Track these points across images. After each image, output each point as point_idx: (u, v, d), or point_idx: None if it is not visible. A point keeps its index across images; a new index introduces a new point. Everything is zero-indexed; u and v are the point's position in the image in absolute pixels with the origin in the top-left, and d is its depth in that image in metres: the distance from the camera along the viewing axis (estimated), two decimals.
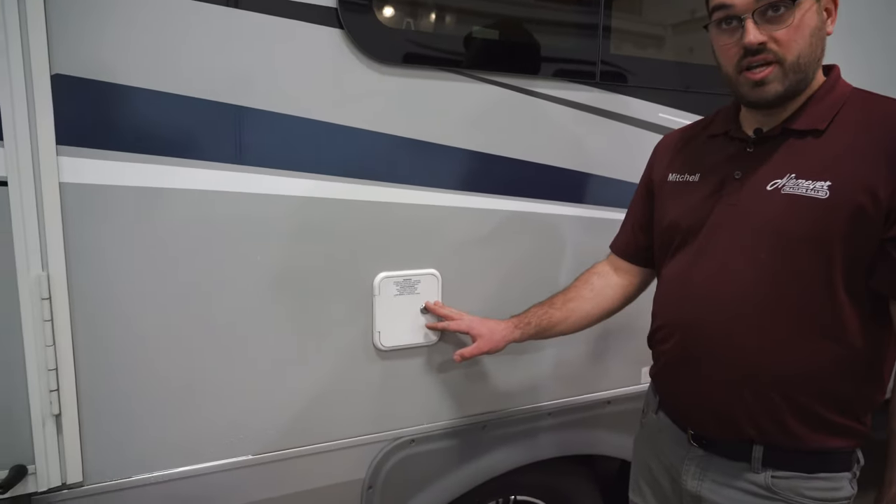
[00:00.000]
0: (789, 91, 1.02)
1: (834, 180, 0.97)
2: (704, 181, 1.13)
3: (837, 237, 0.97)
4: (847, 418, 1.05)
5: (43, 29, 1.01)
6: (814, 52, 1.00)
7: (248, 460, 1.30)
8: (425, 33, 1.37)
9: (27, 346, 1.08)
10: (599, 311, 1.36)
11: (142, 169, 1.12)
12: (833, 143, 1.00)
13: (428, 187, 1.38)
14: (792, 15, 0.97)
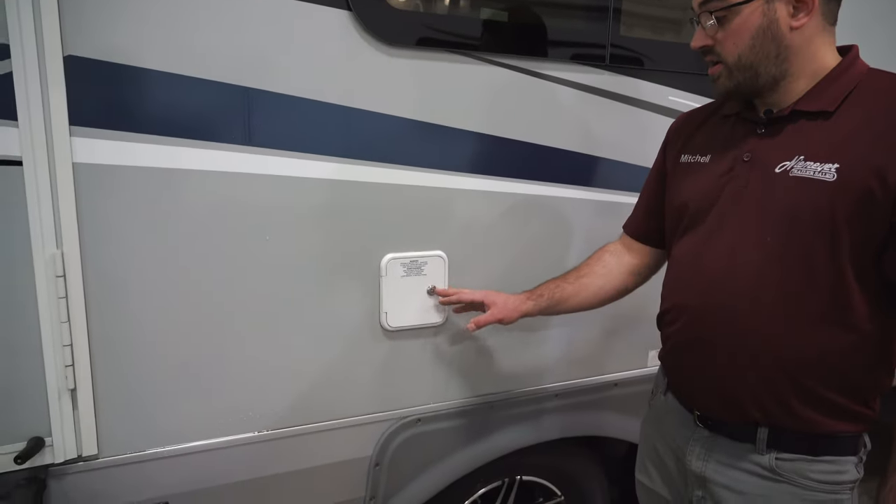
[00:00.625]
0: (742, 86, 1.06)
1: (842, 163, 0.96)
2: (715, 162, 1.13)
3: (844, 220, 0.96)
4: (854, 402, 1.05)
5: (55, 11, 1.03)
6: (761, 51, 1.02)
7: (258, 436, 1.33)
8: (434, 15, 1.37)
9: (43, 323, 1.11)
10: (611, 289, 1.37)
11: (153, 150, 1.14)
12: (843, 124, 0.99)
13: (436, 169, 1.39)
14: (732, 19, 1.01)
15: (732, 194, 1.08)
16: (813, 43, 1.02)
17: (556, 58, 1.47)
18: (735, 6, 1.00)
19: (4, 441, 1.12)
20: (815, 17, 1.01)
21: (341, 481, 1.44)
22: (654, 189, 1.32)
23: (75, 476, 1.19)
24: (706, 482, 1.16)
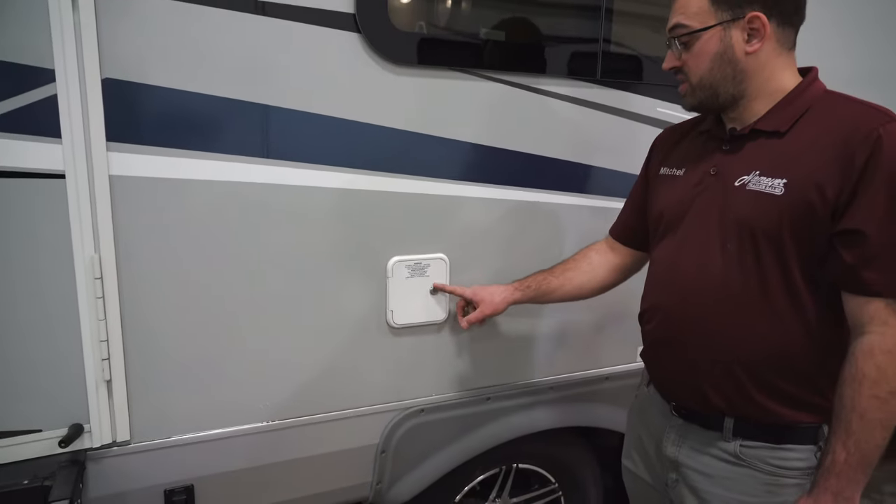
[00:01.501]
0: (704, 103, 1.18)
1: (790, 178, 1.07)
2: (688, 175, 1.24)
3: (790, 231, 1.07)
4: (810, 393, 1.14)
5: (94, 40, 1.14)
6: (718, 72, 1.13)
7: (274, 425, 1.45)
8: (436, 36, 1.48)
9: (83, 320, 1.22)
10: (594, 284, 1.48)
11: (181, 162, 1.25)
12: (794, 143, 1.09)
13: (438, 178, 1.50)
14: (696, 44, 1.13)
15: (701, 205, 1.19)
16: (768, 66, 1.12)
17: (550, 73, 1.57)
18: (696, 32, 1.11)
19: (50, 427, 1.24)
20: (769, 43, 1.11)
21: (350, 467, 1.55)
22: (638, 196, 1.43)
23: (110, 459, 1.31)
24: (679, 466, 1.26)
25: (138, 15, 1.18)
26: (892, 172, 1.00)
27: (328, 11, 1.32)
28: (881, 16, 2.03)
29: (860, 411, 1.05)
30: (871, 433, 1.05)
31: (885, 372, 1.04)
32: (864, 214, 1.02)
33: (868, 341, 1.05)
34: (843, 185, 1.02)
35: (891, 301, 1.04)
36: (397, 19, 1.39)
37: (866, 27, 2.01)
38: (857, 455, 1.06)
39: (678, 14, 1.15)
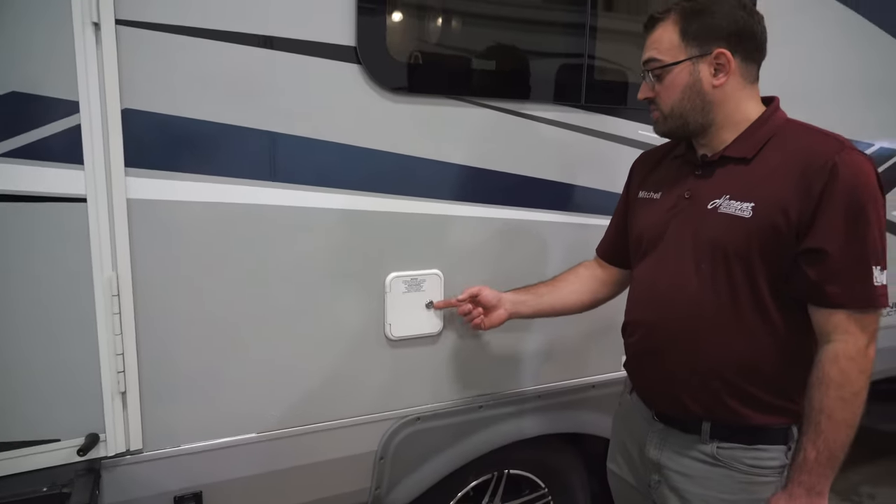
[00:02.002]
0: (675, 131, 1.28)
1: (757, 202, 1.17)
2: (664, 199, 1.34)
3: (758, 250, 1.17)
4: (779, 398, 1.24)
5: (116, 73, 1.22)
6: (688, 103, 1.23)
7: (278, 433, 1.52)
8: (431, 66, 1.58)
9: (100, 335, 1.30)
10: (584, 297, 1.57)
11: (194, 186, 1.34)
12: (760, 169, 1.20)
13: (433, 199, 1.60)
14: (667, 77, 1.23)
15: (676, 227, 1.29)
16: (733, 98, 1.23)
17: (537, 99, 1.68)
18: (667, 66, 1.22)
19: (67, 437, 1.31)
20: (734, 77, 1.22)
21: (350, 473, 1.63)
22: (620, 217, 1.53)
23: (124, 467, 1.37)
24: (661, 468, 1.35)
25: (156, 50, 1.27)
26: (848, 197, 1.11)
27: (331, 45, 1.41)
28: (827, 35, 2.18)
29: (828, 412, 1.15)
30: (838, 432, 1.15)
31: (849, 375, 1.14)
32: (824, 235, 1.13)
33: (833, 349, 1.16)
34: (805, 208, 1.13)
35: (851, 312, 1.14)
36: (395, 51, 1.49)
37: (816, 44, 2.15)
38: (825, 452, 1.16)
39: (651, 49, 1.26)
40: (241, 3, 1.32)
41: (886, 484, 3.13)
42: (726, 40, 1.20)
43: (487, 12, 1.62)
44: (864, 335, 1.15)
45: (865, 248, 1.13)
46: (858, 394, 1.15)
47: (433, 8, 1.56)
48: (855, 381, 1.14)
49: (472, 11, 1.60)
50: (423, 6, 1.56)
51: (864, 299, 1.14)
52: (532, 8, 1.69)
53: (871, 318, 1.16)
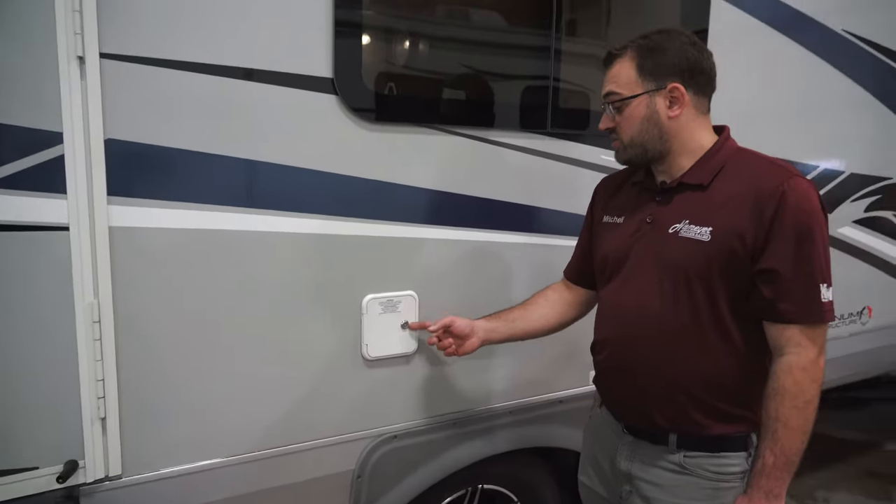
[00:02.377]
0: (634, 158, 1.37)
1: (714, 226, 1.27)
2: (627, 223, 1.42)
3: (717, 272, 1.26)
4: (739, 408, 1.33)
5: (100, 104, 1.26)
6: (646, 133, 1.33)
7: (257, 455, 1.54)
8: (405, 96, 1.65)
9: (81, 361, 1.31)
10: (553, 319, 1.62)
11: (175, 213, 1.37)
12: (716, 195, 1.30)
13: (407, 222, 1.66)
14: (626, 109, 1.33)
15: (640, 250, 1.37)
16: (688, 128, 1.33)
17: (506, 127, 1.76)
18: (626, 99, 1.32)
19: (46, 464, 1.31)
20: (688, 108, 1.32)
21: (329, 492, 1.65)
22: (585, 240, 1.60)
23: (103, 493, 1.38)
24: (632, 478, 1.42)
25: (139, 82, 1.30)
26: (796, 221, 1.21)
27: (309, 77, 1.47)
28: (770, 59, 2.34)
29: (783, 420, 1.24)
30: (794, 439, 1.24)
31: (802, 385, 1.23)
32: (776, 257, 1.22)
33: (787, 361, 1.25)
34: (758, 232, 1.23)
35: (803, 327, 1.24)
36: (370, 82, 1.56)
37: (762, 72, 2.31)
38: (782, 458, 1.24)
39: (611, 83, 1.35)
40: (222, 37, 1.37)
41: (840, 488, 3.27)
42: (679, 75, 1.30)
43: (458, 47, 1.71)
44: (814, 347, 1.24)
45: (813, 267, 1.23)
46: (811, 402, 1.24)
47: (406, 41, 1.64)
48: (808, 391, 1.23)
49: (443, 45, 1.68)
50: (397, 40, 1.63)
51: (814, 314, 1.24)
52: (501, 44, 1.78)
53: (821, 332, 1.26)
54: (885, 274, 2.88)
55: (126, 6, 1.28)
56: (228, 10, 1.37)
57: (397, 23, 1.62)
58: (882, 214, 2.80)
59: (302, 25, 1.45)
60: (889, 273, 2.89)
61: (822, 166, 2.53)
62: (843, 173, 2.61)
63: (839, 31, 2.44)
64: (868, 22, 2.52)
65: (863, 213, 2.72)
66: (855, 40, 2.50)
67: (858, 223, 2.71)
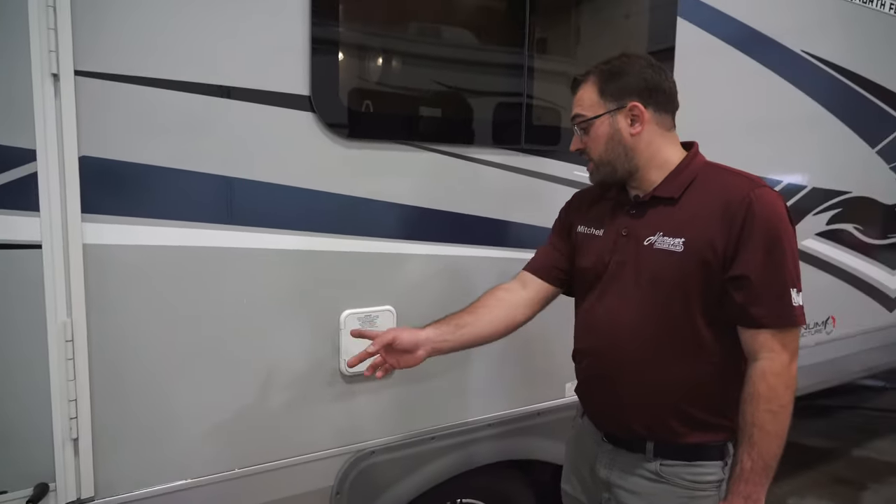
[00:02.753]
0: (607, 178, 1.41)
1: (687, 237, 1.31)
2: (605, 235, 1.45)
3: (690, 281, 1.30)
4: (715, 416, 1.36)
5: (74, 122, 1.25)
6: (612, 151, 1.37)
7: (234, 473, 1.53)
8: (381, 114, 1.67)
9: (52, 381, 1.29)
10: (502, 321, 1.50)
11: (150, 230, 1.36)
12: (687, 207, 1.34)
13: (384, 238, 1.67)
14: (592, 129, 1.38)
15: (617, 262, 1.40)
16: (653, 144, 1.37)
17: (480, 143, 1.79)
18: (589, 120, 1.37)
19: (16, 487, 1.28)
20: (650, 125, 1.36)
21: None
22: (561, 237, 1.58)
23: None
24: (611, 486, 1.44)
25: (115, 99, 1.30)
26: (764, 229, 1.26)
27: (287, 94, 1.48)
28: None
29: (759, 425, 1.27)
30: (770, 443, 1.27)
31: (776, 390, 1.27)
32: (746, 263, 1.27)
33: (760, 366, 1.29)
34: (728, 241, 1.27)
35: (775, 331, 1.28)
36: (347, 100, 1.58)
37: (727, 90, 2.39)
38: (760, 462, 1.27)
39: (577, 106, 1.41)
40: (199, 55, 1.38)
41: (810, 495, 3.34)
42: (638, 94, 1.35)
43: (433, 65, 1.74)
44: (786, 352, 1.28)
45: (783, 272, 1.28)
46: (786, 406, 1.28)
47: (383, 59, 1.66)
48: (782, 395, 1.27)
49: (419, 63, 1.72)
50: (373, 58, 1.65)
51: (785, 318, 1.28)
52: (475, 62, 1.82)
53: (792, 336, 1.30)
54: (847, 285, 2.98)
55: (101, 24, 1.28)
56: (205, 28, 1.38)
57: (374, 41, 1.64)
58: (843, 227, 2.90)
59: (279, 43, 1.47)
60: (851, 284, 2.99)
61: (785, 181, 2.62)
62: (806, 187, 2.70)
63: (798, 51, 2.55)
64: (825, 43, 2.64)
65: (825, 226, 2.82)
66: (813, 60, 2.60)
67: (821, 236, 2.81)
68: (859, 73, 2.80)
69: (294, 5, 1.47)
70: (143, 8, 1.32)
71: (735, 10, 2.29)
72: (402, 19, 1.70)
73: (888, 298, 3.21)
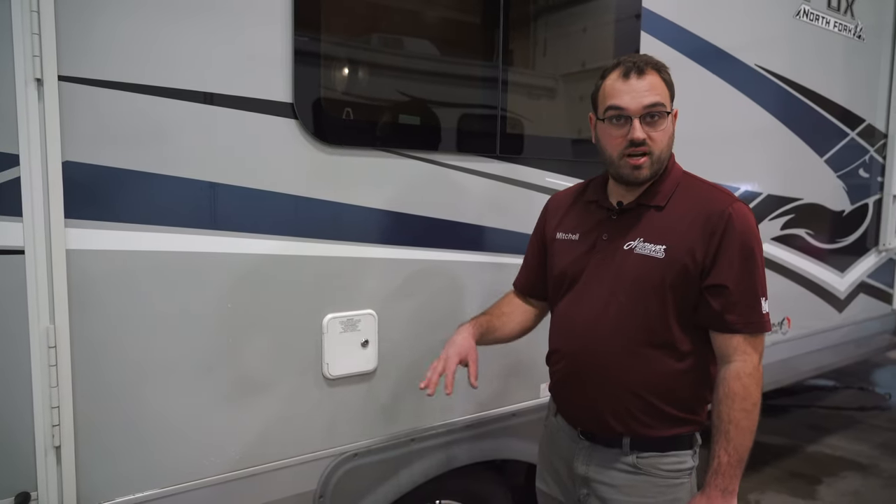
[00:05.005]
0: (653, 175, 1.40)
1: (668, 244, 1.38)
2: (583, 240, 1.51)
3: (670, 286, 1.37)
4: (685, 412, 1.44)
5: (57, 127, 1.25)
6: (669, 149, 1.41)
7: (219, 478, 1.52)
8: (362, 121, 1.70)
9: (35, 387, 1.27)
10: (520, 331, 1.66)
11: (134, 235, 1.36)
12: (669, 215, 1.41)
13: (364, 243, 1.70)
14: (663, 122, 1.37)
15: (596, 265, 1.46)
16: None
17: (458, 151, 1.84)
18: (668, 113, 1.36)
19: None
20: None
21: None
22: (535, 253, 1.66)
23: None
24: (589, 481, 1.49)
25: (99, 105, 1.30)
26: (741, 240, 1.35)
27: (269, 101, 1.50)
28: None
29: (735, 422, 1.35)
30: (744, 438, 1.36)
31: (749, 389, 1.36)
32: (724, 272, 1.35)
33: (735, 368, 1.37)
34: (707, 250, 1.35)
35: (747, 336, 1.37)
36: (328, 107, 1.61)
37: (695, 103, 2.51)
38: (735, 456, 1.36)
39: (653, 94, 1.34)
40: (183, 62, 1.39)
41: (769, 490, 3.48)
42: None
43: (413, 76, 1.79)
44: (756, 354, 1.38)
45: (755, 282, 1.37)
46: (757, 404, 1.37)
47: (364, 69, 1.70)
48: (754, 394, 1.36)
49: (399, 74, 1.76)
50: (355, 68, 1.69)
51: (756, 324, 1.37)
52: (452, 74, 1.87)
53: (761, 340, 1.40)
54: (800, 287, 3.13)
55: (85, 29, 1.29)
56: (190, 36, 1.40)
57: (355, 51, 1.68)
58: (796, 232, 3.06)
59: (262, 51, 1.49)
60: (804, 286, 3.15)
61: (742, 188, 2.75)
62: (761, 194, 2.84)
63: (752, 65, 2.69)
64: (776, 57, 2.79)
65: (779, 231, 2.96)
66: (766, 74, 2.75)
67: (776, 240, 2.95)
68: (808, 87, 2.97)
69: (277, 14, 1.49)
70: (128, 14, 1.33)
71: (694, 25, 2.42)
72: (384, 31, 1.74)
73: (838, 300, 3.38)
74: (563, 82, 2.15)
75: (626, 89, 1.35)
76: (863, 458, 3.87)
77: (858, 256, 3.49)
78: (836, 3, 3.07)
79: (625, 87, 1.36)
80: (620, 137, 1.37)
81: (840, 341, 3.48)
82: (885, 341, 3.88)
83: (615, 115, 1.37)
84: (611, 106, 1.38)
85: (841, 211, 3.32)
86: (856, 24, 3.20)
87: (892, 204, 3.56)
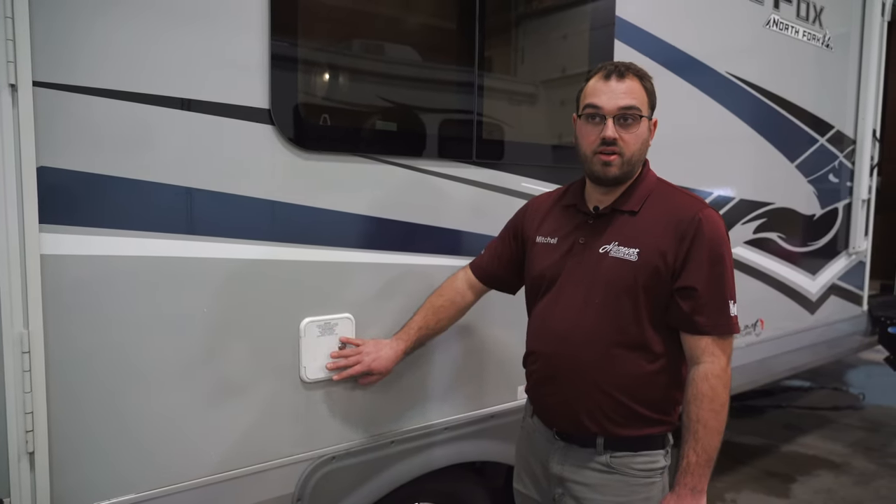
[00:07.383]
0: (623, 176, 1.45)
1: (641, 248, 1.42)
2: (561, 243, 1.55)
3: (642, 288, 1.41)
4: (657, 413, 1.48)
5: (32, 132, 1.25)
6: (641, 154, 1.46)
7: (196, 483, 1.52)
8: (339, 127, 1.72)
9: (8, 393, 1.26)
10: (456, 319, 1.77)
11: (110, 241, 1.36)
12: (643, 220, 1.46)
13: (342, 247, 1.71)
14: (637, 125, 1.42)
15: (572, 268, 1.50)
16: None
17: (434, 156, 1.87)
18: (642, 116, 1.41)
19: None
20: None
21: None
22: (506, 244, 1.70)
23: None
24: (564, 481, 1.52)
25: (73, 110, 1.31)
26: (710, 245, 1.40)
27: (246, 107, 1.51)
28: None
29: (703, 422, 1.39)
30: (712, 438, 1.40)
31: (717, 390, 1.40)
32: (694, 275, 1.40)
33: (703, 369, 1.41)
34: (678, 253, 1.40)
35: (716, 338, 1.42)
36: (305, 113, 1.62)
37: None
38: (704, 456, 1.40)
39: (630, 97, 1.40)
40: (159, 67, 1.40)
41: (745, 489, 3.54)
42: (653, 110, 1.46)
43: (390, 81, 1.81)
44: (724, 356, 1.42)
45: (724, 285, 1.42)
46: (725, 405, 1.41)
47: (340, 75, 1.72)
48: (721, 395, 1.40)
49: (376, 80, 1.78)
50: (332, 73, 1.71)
51: (724, 326, 1.42)
52: (429, 80, 1.90)
53: (729, 342, 1.44)
54: (773, 289, 3.20)
55: (60, 35, 1.29)
56: (166, 41, 1.40)
57: (332, 57, 1.70)
58: (768, 235, 3.13)
59: (239, 57, 1.50)
60: (777, 289, 3.22)
61: (715, 193, 2.81)
62: (734, 199, 2.91)
63: (723, 73, 2.75)
64: (747, 66, 2.86)
65: (752, 235, 3.03)
66: (737, 81, 2.82)
67: (749, 244, 3.02)
68: (778, 94, 3.05)
69: (254, 20, 1.51)
70: (104, 19, 1.33)
71: (667, 34, 2.47)
72: (361, 36, 1.76)
73: (810, 302, 3.46)
74: (542, 88, 2.18)
75: (604, 90, 1.41)
76: (835, 457, 3.95)
77: (829, 259, 3.57)
78: (804, 13, 3.15)
79: (604, 87, 1.41)
80: (594, 135, 1.43)
81: (813, 342, 3.55)
82: (856, 342, 3.97)
83: (591, 114, 1.43)
84: (588, 104, 1.43)
85: (812, 215, 3.41)
86: (824, 33, 3.29)
87: (860, 208, 3.65)
